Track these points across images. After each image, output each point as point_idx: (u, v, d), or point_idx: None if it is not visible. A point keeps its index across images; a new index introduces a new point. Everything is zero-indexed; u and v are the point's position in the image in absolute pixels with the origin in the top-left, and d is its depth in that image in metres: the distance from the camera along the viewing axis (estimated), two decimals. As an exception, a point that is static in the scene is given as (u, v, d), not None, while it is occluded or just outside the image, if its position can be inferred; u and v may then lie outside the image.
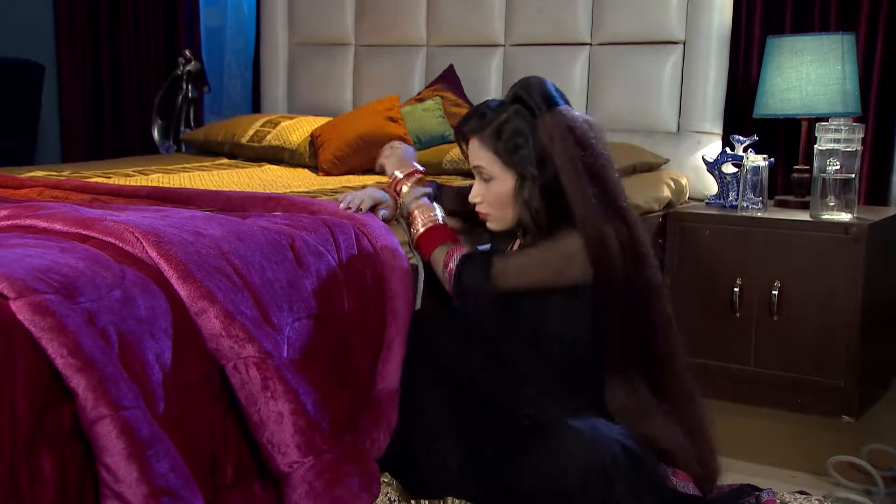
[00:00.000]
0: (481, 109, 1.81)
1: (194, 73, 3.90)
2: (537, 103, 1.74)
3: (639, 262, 1.73)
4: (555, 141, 1.71)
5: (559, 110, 1.74)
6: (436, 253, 1.89)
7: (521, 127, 1.74)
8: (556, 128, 1.71)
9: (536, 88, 1.76)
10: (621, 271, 1.70)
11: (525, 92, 1.76)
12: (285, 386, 1.44)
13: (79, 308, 1.28)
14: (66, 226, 1.57)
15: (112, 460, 1.21)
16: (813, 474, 2.14)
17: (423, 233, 1.92)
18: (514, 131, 1.74)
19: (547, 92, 1.76)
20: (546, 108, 1.73)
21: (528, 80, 1.79)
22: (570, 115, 1.74)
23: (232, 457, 1.46)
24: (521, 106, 1.76)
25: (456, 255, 1.84)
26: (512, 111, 1.76)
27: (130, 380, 1.28)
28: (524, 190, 1.75)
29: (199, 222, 1.64)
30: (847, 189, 2.58)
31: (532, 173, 1.74)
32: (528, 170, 1.74)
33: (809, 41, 2.75)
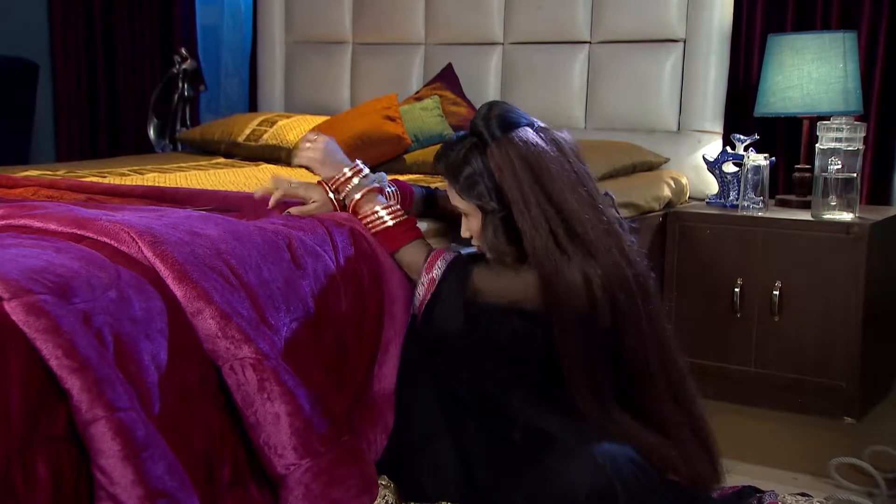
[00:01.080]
0: (443, 149, 1.75)
1: (190, 71, 3.90)
2: (490, 130, 1.67)
3: (614, 304, 1.64)
4: (504, 171, 1.64)
5: (508, 137, 1.65)
6: (410, 250, 1.81)
7: (475, 162, 1.68)
8: (504, 157, 1.64)
9: (494, 114, 1.68)
10: (578, 307, 1.62)
11: (481, 121, 1.69)
12: (282, 387, 1.44)
13: (74, 309, 1.28)
14: (61, 226, 1.57)
15: (107, 462, 1.21)
16: (814, 476, 2.15)
17: (392, 226, 1.82)
18: (469, 169, 1.69)
19: (502, 116, 1.68)
20: (499, 133, 1.66)
21: (485, 107, 1.71)
22: (521, 139, 1.65)
23: (228, 459, 1.46)
24: (475, 138, 1.70)
25: (439, 263, 1.75)
26: (467, 146, 1.70)
27: (126, 381, 1.28)
28: (487, 227, 1.71)
29: (196, 222, 1.64)
30: (849, 188, 2.58)
31: (493, 207, 1.69)
32: (489, 205, 1.69)
33: (811, 39, 2.75)
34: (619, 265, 1.65)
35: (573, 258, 1.63)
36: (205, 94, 4.17)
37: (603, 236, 1.66)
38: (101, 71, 4.24)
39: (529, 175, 1.63)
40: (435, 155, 1.78)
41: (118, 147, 4.21)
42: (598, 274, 1.63)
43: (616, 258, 1.66)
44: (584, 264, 1.63)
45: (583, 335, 1.64)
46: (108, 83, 4.25)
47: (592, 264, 1.63)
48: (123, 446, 1.21)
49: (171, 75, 3.91)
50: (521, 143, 1.65)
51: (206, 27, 4.27)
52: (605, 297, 1.64)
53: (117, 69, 4.22)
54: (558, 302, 1.64)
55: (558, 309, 1.64)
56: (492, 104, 1.72)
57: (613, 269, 1.64)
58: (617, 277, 1.64)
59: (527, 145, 1.65)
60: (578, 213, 1.64)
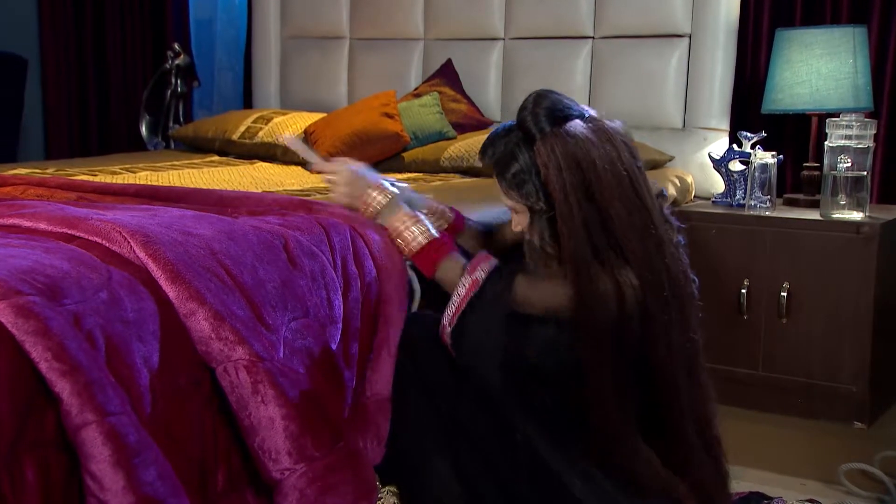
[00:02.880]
0: (488, 143, 1.70)
1: (183, 66, 3.90)
2: (538, 125, 1.61)
3: (645, 313, 1.59)
4: (549, 170, 1.58)
5: (556, 132, 1.59)
6: (447, 266, 1.77)
7: (522, 159, 1.63)
8: (550, 155, 1.58)
9: (541, 107, 1.62)
10: (608, 317, 1.58)
11: (529, 114, 1.63)
12: (276, 390, 1.44)
13: (64, 310, 1.28)
14: (51, 225, 1.57)
15: (98, 468, 1.21)
16: (824, 482, 2.15)
17: (426, 244, 1.78)
18: (517, 166, 1.64)
19: (550, 109, 1.62)
20: (548, 127, 1.60)
21: (531, 98, 1.66)
22: (569, 134, 1.59)
23: (223, 463, 1.46)
24: (521, 133, 1.65)
25: (483, 266, 1.70)
26: (514, 142, 1.65)
27: (117, 384, 1.27)
28: (534, 227, 1.67)
29: (189, 222, 1.64)
30: (859, 187, 2.58)
31: (541, 207, 1.64)
32: (537, 204, 1.64)
33: (820, 34, 2.75)
34: (657, 272, 1.61)
35: (607, 266, 1.59)
36: (198, 91, 4.17)
37: (644, 241, 1.60)
38: (91, 66, 4.24)
39: (575, 175, 1.58)
40: (481, 147, 1.73)
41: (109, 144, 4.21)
42: (632, 284, 1.58)
43: (655, 264, 1.61)
44: (618, 272, 1.58)
45: (612, 348, 1.60)
46: (98, 79, 4.25)
47: (628, 273, 1.59)
48: (114, 451, 1.21)
49: (163, 71, 3.91)
50: (569, 140, 1.59)
51: (200, 21, 4.27)
52: (637, 308, 1.59)
53: (108, 64, 4.22)
54: (588, 311, 1.59)
55: (588, 318, 1.59)
56: (539, 94, 1.65)
57: (651, 276, 1.60)
58: (652, 286, 1.60)
59: (575, 141, 1.59)
60: (622, 217, 1.59)
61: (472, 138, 3.07)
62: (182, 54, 3.91)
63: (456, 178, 2.95)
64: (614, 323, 1.59)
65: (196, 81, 4.02)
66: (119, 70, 4.21)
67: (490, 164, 1.70)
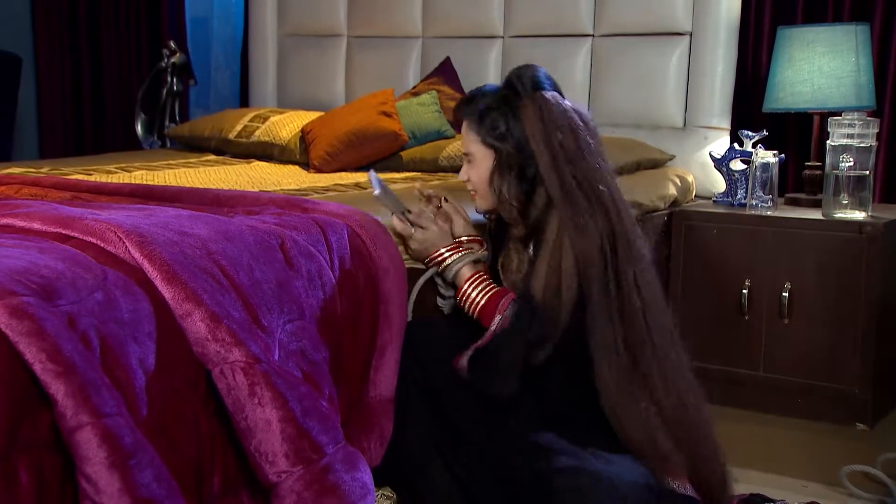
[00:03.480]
0: (473, 94, 1.89)
1: (179, 65, 3.90)
2: (524, 86, 1.81)
3: (620, 254, 1.72)
4: (532, 123, 1.77)
5: (542, 94, 1.80)
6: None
7: (503, 109, 1.81)
8: (536, 110, 1.77)
9: (527, 73, 1.84)
10: (600, 259, 1.70)
11: (516, 76, 1.84)
12: (273, 392, 1.44)
13: (58, 311, 1.28)
14: (45, 225, 1.57)
15: (93, 470, 1.21)
16: (826, 485, 2.15)
17: (485, 304, 1.82)
18: (497, 113, 1.81)
19: (536, 77, 1.84)
20: (531, 90, 1.80)
21: (521, 67, 1.87)
22: (553, 99, 1.80)
23: (219, 466, 1.46)
24: (508, 91, 1.83)
25: (506, 308, 1.78)
26: (499, 96, 1.83)
27: (112, 386, 1.28)
28: (499, 170, 1.81)
29: (185, 221, 1.64)
30: (861, 186, 2.59)
31: (508, 150, 1.79)
32: (505, 148, 1.80)
33: (822, 32, 2.76)
34: (623, 218, 1.75)
35: (597, 215, 1.72)
36: (194, 89, 4.17)
37: (610, 186, 1.78)
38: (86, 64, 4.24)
39: (559, 133, 1.76)
40: (461, 100, 1.91)
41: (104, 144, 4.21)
42: (607, 232, 1.72)
43: (621, 208, 1.77)
44: (601, 221, 1.72)
45: (604, 289, 1.70)
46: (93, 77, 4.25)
47: (608, 222, 1.73)
48: (110, 453, 1.21)
49: (159, 69, 3.91)
50: (552, 102, 1.79)
51: (196, 19, 4.27)
52: (612, 254, 1.72)
53: (103, 63, 4.22)
54: (584, 250, 1.70)
55: (584, 256, 1.70)
56: (527, 66, 1.87)
57: (619, 216, 1.74)
58: (621, 224, 1.74)
59: (558, 106, 1.79)
60: (592, 166, 1.77)
61: (470, 137, 3.07)
62: (178, 52, 3.91)
63: (454, 177, 2.94)
64: (604, 264, 1.71)
65: (192, 80, 4.02)
66: (114, 68, 4.21)
67: (467, 111, 1.86)
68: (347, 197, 2.41)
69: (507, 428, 1.72)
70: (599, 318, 1.69)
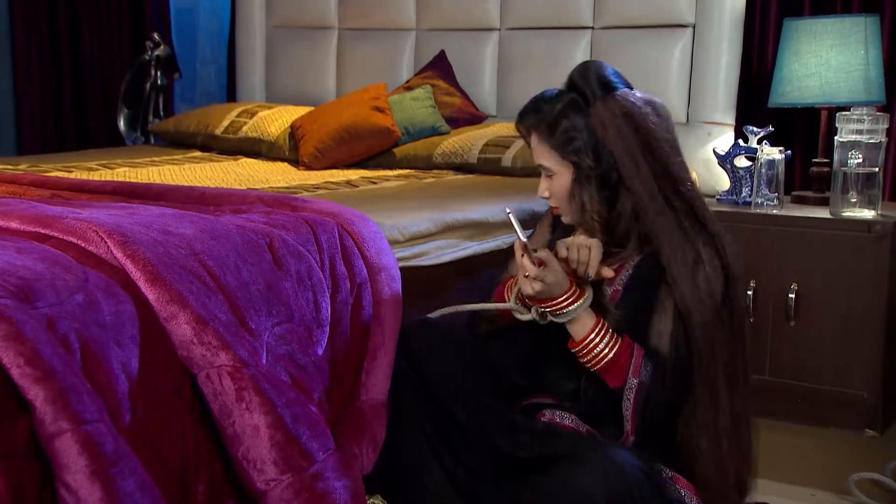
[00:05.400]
0: (536, 102, 1.82)
1: (163, 58, 3.90)
2: (592, 90, 1.76)
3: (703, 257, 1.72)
4: (608, 129, 1.73)
5: (613, 95, 1.75)
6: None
7: (575, 118, 1.76)
8: (610, 115, 1.73)
9: (592, 73, 1.78)
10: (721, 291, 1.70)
11: (580, 78, 1.78)
12: (261, 397, 1.44)
13: (37, 313, 1.27)
14: (24, 224, 1.57)
15: (73, 479, 1.21)
16: (834, 493, 2.15)
17: (615, 357, 1.74)
18: (568, 124, 1.76)
19: (603, 76, 1.78)
20: (601, 93, 1.75)
21: (584, 65, 1.81)
22: (625, 99, 1.75)
23: (204, 474, 1.46)
24: (575, 94, 1.78)
25: (639, 370, 1.72)
26: (566, 102, 1.78)
27: (94, 391, 1.27)
28: (580, 183, 1.77)
29: (169, 220, 1.64)
30: (870, 184, 2.59)
31: (587, 164, 1.75)
32: (584, 161, 1.75)
33: (830, 24, 2.76)
34: (719, 231, 1.74)
35: (680, 213, 1.72)
36: (179, 83, 4.17)
37: (700, 199, 1.76)
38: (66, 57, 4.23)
39: (635, 136, 1.72)
40: (523, 109, 1.84)
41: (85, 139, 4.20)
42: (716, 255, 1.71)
43: (719, 229, 1.75)
44: (684, 219, 1.71)
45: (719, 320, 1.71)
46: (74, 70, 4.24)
47: (691, 218, 1.72)
48: (91, 461, 1.21)
49: (142, 62, 3.90)
50: (626, 103, 1.74)
51: (181, 10, 4.27)
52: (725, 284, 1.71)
53: (84, 55, 4.21)
54: (711, 287, 1.69)
55: (711, 290, 1.69)
56: (589, 63, 1.82)
57: (720, 234, 1.73)
58: (725, 243, 1.73)
59: (633, 105, 1.74)
60: (682, 175, 1.74)
61: (465, 133, 3.08)
62: (162, 45, 3.90)
63: (449, 174, 2.95)
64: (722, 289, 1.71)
65: (177, 73, 4.02)
66: (96, 61, 4.20)
67: (534, 123, 1.80)
68: (338, 195, 2.41)
69: (515, 423, 1.72)
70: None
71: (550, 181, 1.82)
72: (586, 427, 1.76)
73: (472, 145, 2.98)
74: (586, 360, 1.73)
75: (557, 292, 1.71)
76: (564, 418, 1.77)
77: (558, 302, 1.72)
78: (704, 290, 1.69)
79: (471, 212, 2.26)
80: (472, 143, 2.99)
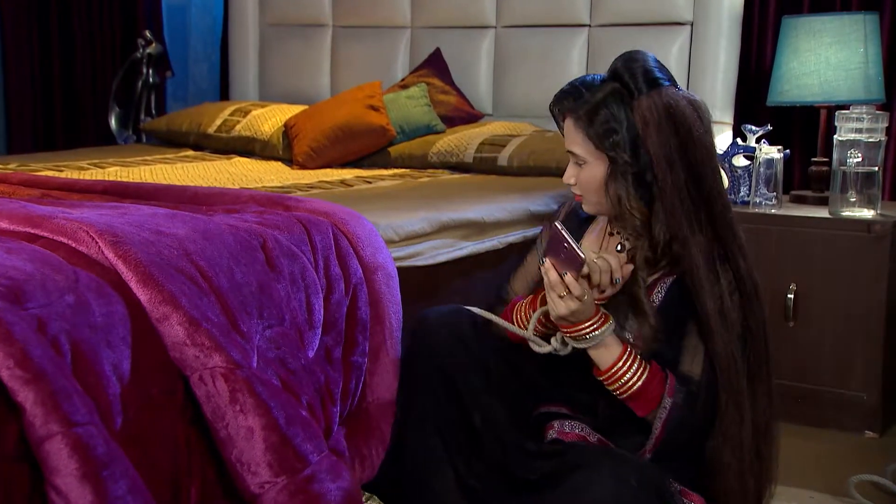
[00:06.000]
0: (577, 87, 1.77)
1: (155, 55, 3.89)
2: (637, 83, 1.71)
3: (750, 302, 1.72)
4: (649, 127, 1.68)
5: (659, 92, 1.71)
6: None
7: (616, 110, 1.71)
8: (653, 112, 1.69)
9: (638, 65, 1.73)
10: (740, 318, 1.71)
11: (625, 68, 1.74)
12: (256, 399, 1.44)
13: (27, 314, 1.27)
14: (13, 224, 1.56)
15: (63, 482, 1.20)
16: (833, 495, 2.15)
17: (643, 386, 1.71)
18: (608, 114, 1.72)
19: (649, 69, 1.73)
20: (646, 88, 1.71)
21: (630, 55, 1.77)
22: (670, 97, 1.70)
23: (196, 477, 1.46)
24: (619, 85, 1.73)
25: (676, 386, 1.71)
26: (608, 91, 1.73)
27: (84, 393, 1.27)
28: (615, 179, 1.73)
29: (161, 220, 1.64)
30: (870, 183, 2.59)
31: (624, 159, 1.71)
32: (620, 156, 1.71)
33: (829, 21, 2.76)
34: (742, 244, 1.75)
35: (706, 226, 1.70)
36: (171, 81, 4.16)
37: (729, 210, 1.74)
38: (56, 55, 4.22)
39: (675, 137, 1.68)
40: (562, 92, 1.78)
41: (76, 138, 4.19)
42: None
43: (741, 240, 1.75)
44: (706, 235, 1.70)
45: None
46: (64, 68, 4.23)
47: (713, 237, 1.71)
48: (81, 464, 1.21)
49: (134, 60, 3.90)
50: (670, 102, 1.70)
51: (173, 7, 4.26)
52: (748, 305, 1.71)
53: (75, 53, 4.20)
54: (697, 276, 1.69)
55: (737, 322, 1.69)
56: (635, 53, 1.77)
57: (741, 247, 1.74)
58: (746, 259, 1.74)
59: (675, 105, 1.70)
60: (711, 185, 1.71)
61: (461, 132, 3.08)
62: (154, 42, 3.89)
63: (445, 174, 2.95)
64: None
65: (169, 71, 4.01)
66: (87, 59, 4.19)
67: (572, 111, 1.76)
68: (333, 194, 2.41)
69: (527, 450, 1.71)
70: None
71: (580, 170, 1.78)
72: (597, 437, 1.76)
73: (468, 144, 2.98)
74: (614, 389, 1.71)
75: (584, 316, 1.67)
76: (574, 427, 1.76)
77: (585, 326, 1.68)
78: (728, 304, 1.68)
79: (466, 211, 2.25)
80: (467, 142, 2.99)
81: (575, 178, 1.79)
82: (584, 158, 1.76)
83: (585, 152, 1.75)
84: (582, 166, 1.77)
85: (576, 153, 1.77)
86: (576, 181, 1.79)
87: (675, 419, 1.68)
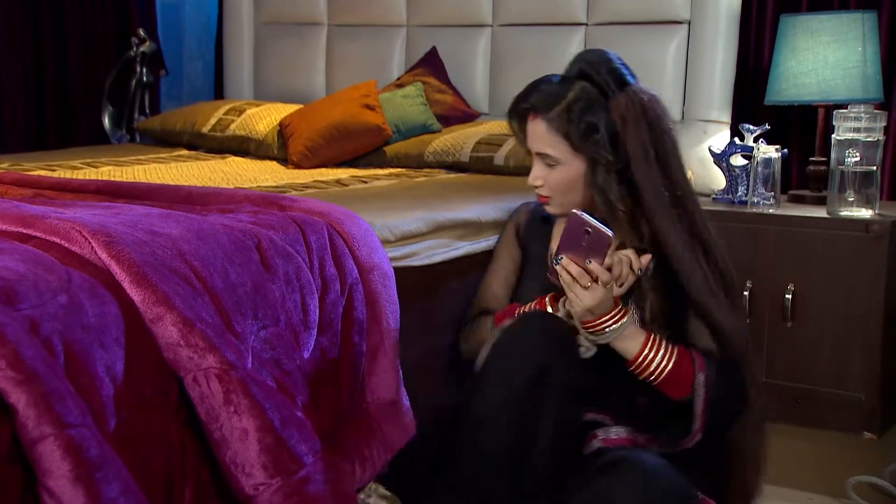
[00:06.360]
0: (545, 86, 1.79)
1: (149, 54, 3.89)
2: (607, 81, 1.76)
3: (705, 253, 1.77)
4: (628, 124, 1.73)
5: (632, 90, 1.76)
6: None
7: (593, 108, 1.75)
8: (630, 110, 1.73)
9: (604, 64, 1.78)
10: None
11: (592, 67, 1.77)
12: (250, 400, 1.44)
13: (19, 315, 1.27)
14: (5, 224, 1.56)
15: (56, 483, 1.20)
16: (831, 496, 2.16)
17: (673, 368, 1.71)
18: (586, 114, 1.75)
19: (616, 69, 1.78)
20: (617, 87, 1.75)
21: (592, 54, 1.82)
22: (641, 95, 1.76)
23: (190, 478, 1.46)
24: (589, 84, 1.76)
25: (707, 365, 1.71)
26: (580, 89, 1.76)
27: (77, 394, 1.27)
28: (598, 176, 1.76)
29: (155, 220, 1.64)
30: (868, 183, 2.60)
31: (607, 158, 1.75)
32: (603, 155, 1.75)
33: (827, 20, 2.77)
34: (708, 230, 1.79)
35: (681, 217, 1.75)
36: (165, 80, 4.16)
37: (694, 198, 1.80)
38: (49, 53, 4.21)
39: (649, 133, 1.74)
40: (525, 91, 1.81)
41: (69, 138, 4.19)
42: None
43: (709, 228, 1.79)
44: (684, 223, 1.75)
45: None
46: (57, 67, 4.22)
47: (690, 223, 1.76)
48: (74, 466, 1.21)
49: (127, 58, 3.89)
50: (644, 99, 1.76)
51: (167, 5, 4.26)
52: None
53: (68, 52, 4.19)
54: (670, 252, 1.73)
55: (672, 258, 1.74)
56: (598, 53, 1.83)
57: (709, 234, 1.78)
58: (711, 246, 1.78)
59: (647, 102, 1.76)
60: (678, 177, 1.77)
61: (457, 131, 3.08)
62: (148, 41, 3.89)
63: (441, 173, 2.95)
64: None
65: (163, 70, 4.01)
66: (80, 58, 4.19)
67: (542, 110, 1.77)
68: (328, 194, 2.41)
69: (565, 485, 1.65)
70: None
71: (550, 170, 1.79)
72: (643, 437, 1.74)
73: (464, 144, 2.98)
74: (647, 376, 1.70)
75: (607, 308, 1.66)
76: (619, 433, 1.75)
77: (608, 318, 1.67)
78: (714, 282, 1.73)
79: (462, 211, 2.25)
80: (463, 141, 2.99)
81: (543, 180, 1.81)
82: (558, 159, 1.78)
83: (560, 153, 1.77)
84: (554, 167, 1.79)
85: (548, 154, 1.78)
86: (543, 182, 1.81)
87: (713, 391, 1.69)
